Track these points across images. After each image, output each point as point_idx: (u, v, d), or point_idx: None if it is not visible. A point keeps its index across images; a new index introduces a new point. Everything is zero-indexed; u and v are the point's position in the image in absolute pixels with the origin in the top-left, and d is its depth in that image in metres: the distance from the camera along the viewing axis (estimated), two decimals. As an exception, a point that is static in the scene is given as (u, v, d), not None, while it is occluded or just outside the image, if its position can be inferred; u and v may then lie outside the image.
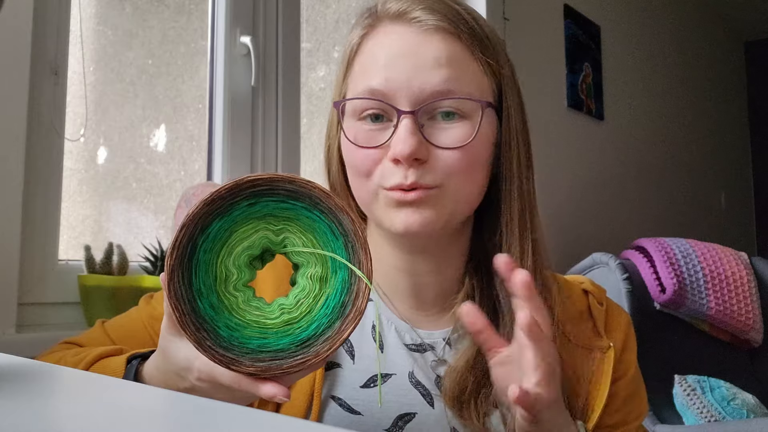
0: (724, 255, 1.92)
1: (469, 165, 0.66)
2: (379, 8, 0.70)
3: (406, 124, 0.64)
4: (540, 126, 2.41)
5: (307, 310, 0.48)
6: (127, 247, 1.17)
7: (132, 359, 0.61)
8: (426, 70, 0.65)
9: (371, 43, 0.69)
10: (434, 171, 0.65)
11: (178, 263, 0.46)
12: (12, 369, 0.49)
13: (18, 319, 1.02)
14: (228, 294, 0.48)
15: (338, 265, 0.48)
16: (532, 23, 2.25)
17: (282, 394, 0.46)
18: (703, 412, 1.59)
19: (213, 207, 0.47)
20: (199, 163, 1.44)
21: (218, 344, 0.46)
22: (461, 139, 0.65)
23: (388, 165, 0.65)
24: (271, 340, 0.47)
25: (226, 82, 1.43)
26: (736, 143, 4.26)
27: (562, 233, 2.29)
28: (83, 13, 1.24)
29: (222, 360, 0.46)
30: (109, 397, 0.43)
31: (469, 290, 0.72)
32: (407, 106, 0.65)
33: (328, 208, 0.48)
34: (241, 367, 0.46)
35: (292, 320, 0.47)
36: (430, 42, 0.66)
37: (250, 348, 0.47)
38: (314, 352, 0.46)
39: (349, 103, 0.68)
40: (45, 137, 1.11)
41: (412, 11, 0.67)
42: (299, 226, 0.49)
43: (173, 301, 0.46)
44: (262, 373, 0.46)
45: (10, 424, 0.33)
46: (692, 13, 3.71)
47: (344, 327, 0.47)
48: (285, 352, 0.47)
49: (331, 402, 0.67)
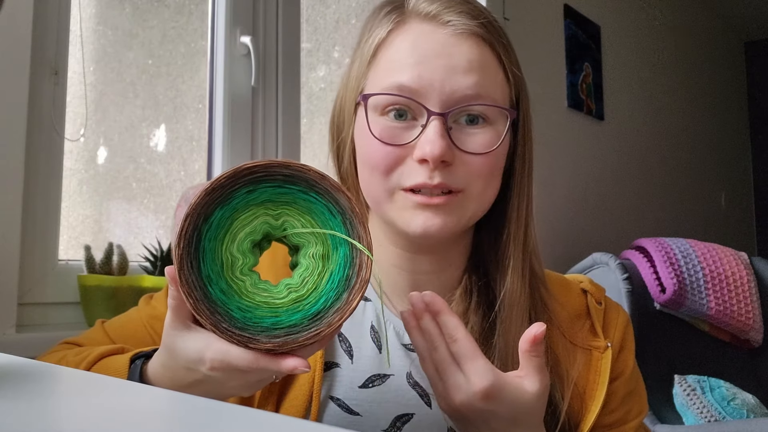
0: (724, 255, 1.92)
1: (491, 171, 0.67)
2: (410, 6, 0.69)
3: (435, 125, 0.64)
4: (540, 126, 2.40)
5: (313, 287, 0.50)
6: (127, 247, 1.17)
7: (135, 359, 0.61)
8: (458, 73, 0.65)
9: (400, 39, 0.68)
10: (458, 174, 0.65)
11: (186, 253, 0.48)
12: (12, 369, 0.49)
13: (18, 319, 1.02)
14: (236, 279, 0.49)
15: (339, 242, 0.50)
16: (532, 23, 2.25)
17: (303, 366, 0.48)
18: (703, 412, 1.59)
19: (214, 196, 0.48)
20: (199, 163, 1.44)
21: (234, 326, 0.48)
22: (487, 145, 0.66)
23: (412, 165, 0.65)
24: (283, 317, 0.49)
25: (226, 82, 1.43)
26: (736, 143, 4.26)
27: (562, 233, 2.29)
28: (83, 13, 1.24)
29: (240, 340, 0.47)
30: (109, 397, 0.43)
31: (467, 286, 0.72)
32: (437, 107, 0.64)
33: (324, 189, 0.50)
34: (259, 344, 0.47)
35: (300, 297, 0.49)
36: (462, 46, 0.66)
37: (264, 326, 0.48)
38: (327, 323, 0.48)
39: (374, 98, 0.67)
40: (45, 137, 1.11)
41: (446, 14, 0.67)
42: (297, 209, 0.50)
43: (186, 289, 0.47)
44: (280, 348, 0.48)
45: (10, 424, 0.33)
46: (692, 13, 3.71)
47: (352, 297, 0.49)
48: (298, 327, 0.48)
49: (329, 403, 0.67)
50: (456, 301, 0.71)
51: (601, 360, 0.71)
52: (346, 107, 0.72)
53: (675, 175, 3.31)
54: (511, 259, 0.70)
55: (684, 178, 3.42)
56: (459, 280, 0.73)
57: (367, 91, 0.68)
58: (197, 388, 0.53)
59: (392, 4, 0.71)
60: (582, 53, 2.54)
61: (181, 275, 0.47)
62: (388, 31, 0.69)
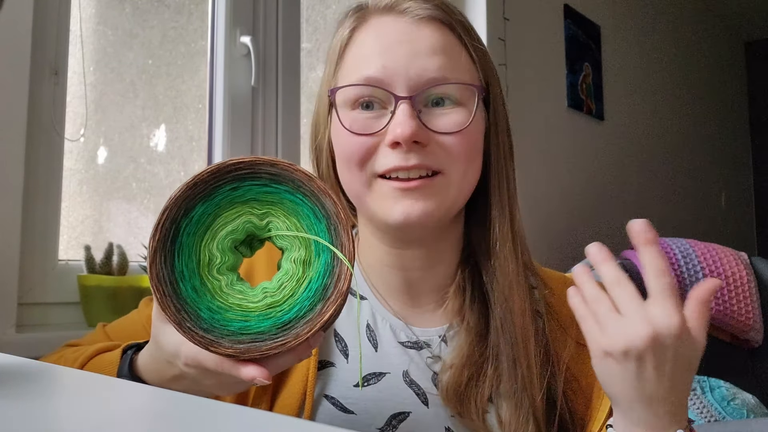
0: (724, 255, 1.92)
1: (468, 150, 0.67)
2: (369, 4, 0.71)
3: (404, 108, 0.64)
4: (540, 126, 2.42)
5: (290, 293, 0.48)
6: (127, 247, 1.17)
7: (127, 349, 0.61)
8: (422, 57, 0.65)
9: (363, 35, 0.69)
10: (436, 155, 0.65)
11: (160, 246, 0.47)
12: (12, 369, 0.49)
13: (18, 319, 1.02)
14: (211, 277, 0.48)
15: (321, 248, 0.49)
16: (532, 23, 2.25)
17: (262, 376, 0.46)
18: (703, 412, 1.59)
19: (196, 190, 0.47)
20: (199, 163, 1.44)
21: (198, 326, 0.46)
22: (459, 124, 0.66)
23: (386, 151, 0.65)
24: (253, 323, 0.47)
25: (226, 82, 1.43)
26: (736, 143, 4.26)
27: (562, 233, 2.29)
28: (83, 13, 1.24)
29: (201, 341, 0.46)
30: (109, 397, 0.43)
31: (461, 282, 0.72)
32: (404, 92, 0.65)
33: (310, 191, 0.48)
34: (219, 348, 0.46)
35: (274, 303, 0.48)
36: (423, 31, 0.67)
37: (230, 330, 0.47)
38: (294, 335, 0.46)
39: (342, 92, 0.68)
40: (45, 137, 1.11)
41: (402, 3, 0.68)
42: (283, 210, 0.49)
43: (154, 283, 0.46)
44: (241, 355, 0.46)
45: (10, 424, 0.33)
46: (692, 13, 3.71)
47: (325, 309, 0.47)
48: (265, 335, 0.47)
49: (324, 401, 0.67)
50: (451, 297, 0.71)
51: None
52: (321, 110, 0.74)
53: (675, 175, 3.31)
54: (500, 245, 0.69)
55: (684, 178, 3.42)
56: (453, 277, 0.73)
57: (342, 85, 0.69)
58: (179, 383, 0.54)
59: (355, 7, 0.73)
60: (582, 53, 2.54)
61: (152, 268, 0.46)
62: (350, 30, 0.70)
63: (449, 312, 0.72)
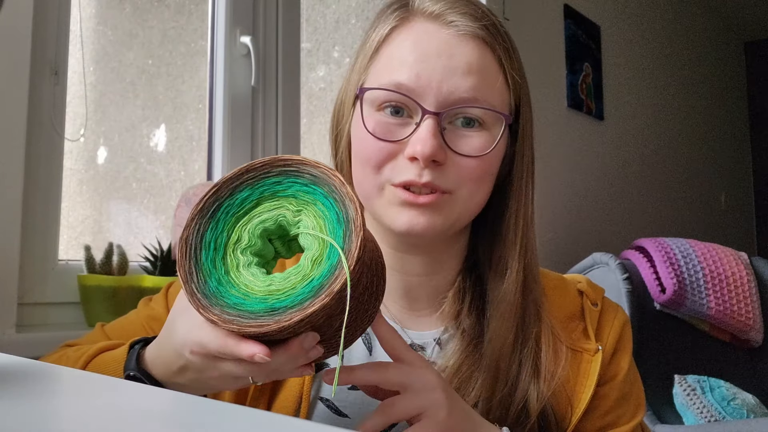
0: (724, 255, 1.92)
1: (482, 175, 0.67)
2: (415, 4, 0.69)
3: (428, 124, 0.64)
4: (540, 126, 2.40)
5: (292, 286, 0.50)
6: (127, 247, 1.17)
7: (134, 344, 0.62)
8: (457, 75, 0.65)
9: (402, 37, 0.68)
10: (448, 176, 0.65)
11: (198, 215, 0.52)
12: (12, 369, 0.49)
13: (18, 319, 1.02)
14: (233, 255, 0.52)
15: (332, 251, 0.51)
16: (532, 23, 2.25)
17: (262, 353, 0.47)
18: (703, 412, 1.59)
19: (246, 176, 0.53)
20: (199, 163, 1.44)
21: (200, 290, 0.50)
22: (480, 149, 0.65)
23: (403, 161, 0.65)
24: (248, 302, 0.49)
25: (226, 82, 1.43)
26: (736, 143, 4.26)
27: (562, 233, 2.29)
28: (83, 13, 1.24)
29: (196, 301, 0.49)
30: (109, 397, 0.43)
31: (460, 288, 0.72)
32: (433, 107, 0.64)
33: (340, 197, 0.51)
34: (207, 312, 0.48)
35: (275, 291, 0.50)
36: (464, 47, 0.66)
37: (225, 302, 0.49)
38: (275, 320, 0.48)
39: (371, 92, 0.67)
40: (45, 137, 1.11)
41: (450, 15, 0.67)
42: (314, 210, 0.52)
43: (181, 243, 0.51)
44: (224, 325, 0.48)
45: (10, 424, 0.33)
46: (692, 13, 3.71)
47: (311, 303, 0.48)
48: (253, 315, 0.48)
49: (318, 403, 0.67)
50: (449, 302, 0.71)
51: (591, 363, 0.70)
52: (347, 100, 0.72)
53: (675, 175, 3.31)
54: (507, 265, 0.69)
55: (684, 178, 3.42)
56: (452, 283, 0.73)
57: (366, 86, 0.68)
58: (183, 376, 0.55)
59: (399, 2, 0.71)
60: (582, 53, 2.54)
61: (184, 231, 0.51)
62: (391, 28, 0.69)
63: (445, 315, 0.72)
